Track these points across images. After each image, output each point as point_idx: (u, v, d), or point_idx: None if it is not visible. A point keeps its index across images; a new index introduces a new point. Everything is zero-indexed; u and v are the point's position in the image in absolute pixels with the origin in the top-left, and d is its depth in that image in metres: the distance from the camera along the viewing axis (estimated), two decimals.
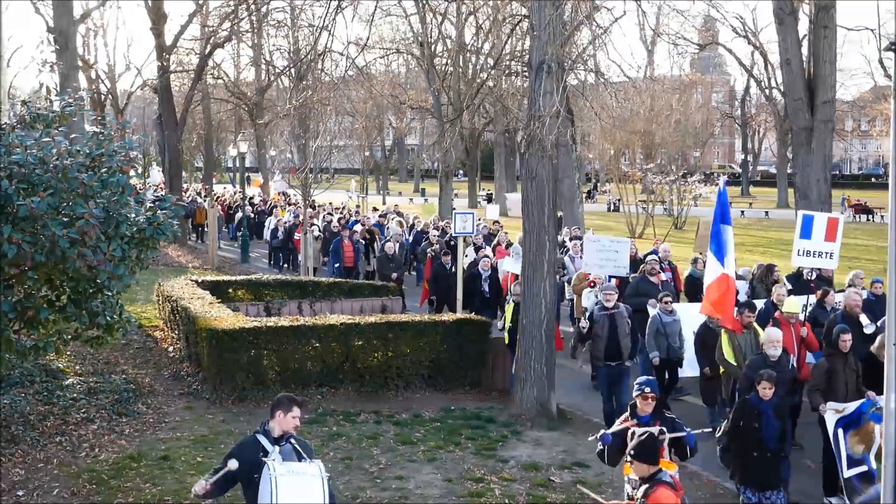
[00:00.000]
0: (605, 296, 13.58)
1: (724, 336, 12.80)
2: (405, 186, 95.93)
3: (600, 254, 17.55)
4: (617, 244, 17.98)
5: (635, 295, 16.16)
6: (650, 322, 14.45)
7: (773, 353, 11.29)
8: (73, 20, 33.48)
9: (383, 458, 12.11)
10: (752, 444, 9.82)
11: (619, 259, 17.62)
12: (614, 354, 13.27)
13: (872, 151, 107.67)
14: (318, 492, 6.92)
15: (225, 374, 14.48)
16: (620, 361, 13.30)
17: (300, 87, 25.88)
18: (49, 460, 11.69)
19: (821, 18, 20.83)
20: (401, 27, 52.47)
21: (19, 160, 8.43)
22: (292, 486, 6.93)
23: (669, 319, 14.37)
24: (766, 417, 9.79)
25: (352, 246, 25.18)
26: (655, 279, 16.42)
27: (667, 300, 14.56)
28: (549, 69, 13.77)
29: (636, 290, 16.37)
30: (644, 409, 8.67)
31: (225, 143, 75.39)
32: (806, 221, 14.77)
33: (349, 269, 24.90)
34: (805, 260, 15.04)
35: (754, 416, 9.83)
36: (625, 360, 13.37)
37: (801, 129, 20.85)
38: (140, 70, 54.63)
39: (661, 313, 14.42)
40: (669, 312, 14.45)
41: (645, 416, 8.63)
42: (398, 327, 15.39)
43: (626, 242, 18.49)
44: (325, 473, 7.04)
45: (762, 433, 9.77)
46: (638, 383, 8.87)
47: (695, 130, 64.13)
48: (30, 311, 8.86)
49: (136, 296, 21.74)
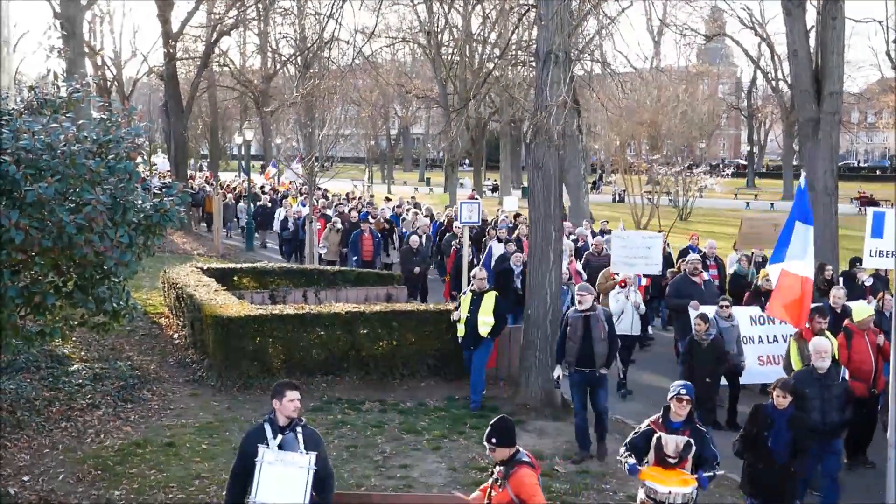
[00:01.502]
0: (580, 296, 12.39)
1: (794, 344, 12.09)
2: (410, 176, 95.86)
3: (629, 251, 16.32)
4: (648, 240, 16.78)
5: (676, 296, 15.55)
6: None
7: (821, 365, 10.28)
8: (79, 6, 33.43)
9: (388, 446, 12.14)
10: (760, 455, 9.31)
11: (651, 256, 16.33)
12: (587, 360, 12.10)
13: (879, 143, 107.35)
14: (299, 484, 6.93)
15: (230, 361, 14.51)
16: (594, 368, 12.13)
17: (307, 76, 25.82)
18: (54, 446, 11.75)
19: (829, 9, 20.68)
20: (407, 16, 52.48)
21: (27, 146, 8.42)
22: (275, 475, 6.97)
23: (727, 325, 13.70)
24: (778, 428, 9.22)
25: (371, 239, 24.09)
26: (698, 279, 15.75)
27: (724, 304, 13.93)
28: (556, 59, 13.74)
29: (677, 291, 15.67)
30: (678, 413, 8.40)
31: (230, 131, 75.35)
32: (877, 219, 13.12)
33: (367, 262, 23.74)
34: (878, 261, 13.49)
35: (765, 426, 9.30)
36: (598, 368, 12.15)
37: (807, 121, 20.72)
38: (146, 57, 54.86)
39: (718, 318, 13.65)
40: (727, 318, 13.78)
41: (677, 422, 8.38)
42: (403, 316, 15.41)
43: (657, 238, 17.32)
44: (312, 467, 7.02)
45: (771, 445, 9.23)
46: (675, 385, 8.59)
47: (701, 122, 63.83)
48: (36, 296, 8.86)
49: (141, 283, 21.76)
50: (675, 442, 8.10)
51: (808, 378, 10.29)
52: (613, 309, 15.48)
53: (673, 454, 8.07)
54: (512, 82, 35.03)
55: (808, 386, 10.15)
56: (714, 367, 12.85)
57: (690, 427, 8.34)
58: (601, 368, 12.16)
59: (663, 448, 8.11)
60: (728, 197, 64.08)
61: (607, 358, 12.23)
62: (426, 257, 21.88)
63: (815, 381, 10.21)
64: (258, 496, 6.94)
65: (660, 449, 8.14)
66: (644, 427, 8.50)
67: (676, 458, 8.07)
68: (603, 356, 12.14)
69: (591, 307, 12.27)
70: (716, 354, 12.83)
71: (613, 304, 15.86)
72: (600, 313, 12.35)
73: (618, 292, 16.00)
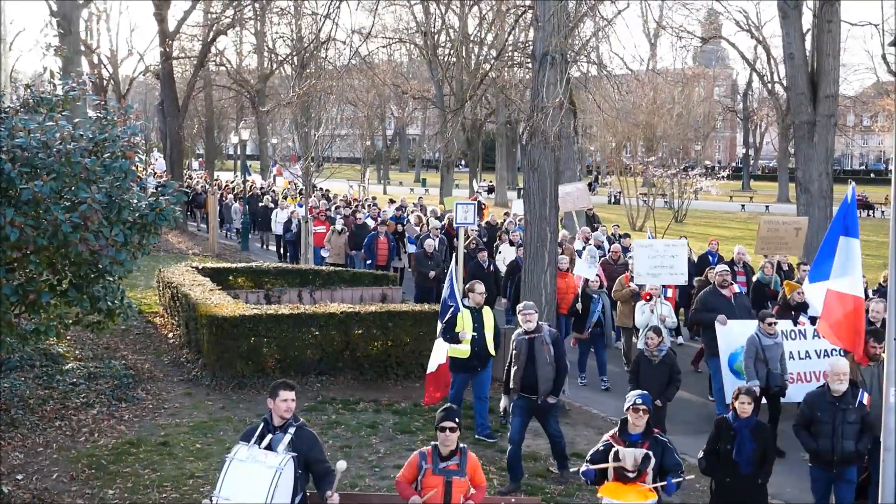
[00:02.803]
0: (524, 316, 11.36)
1: None
2: (406, 176, 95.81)
3: (653, 260, 15.31)
4: (673, 248, 15.72)
5: (703, 310, 14.32)
6: (748, 345, 12.52)
7: (837, 388, 9.41)
8: (76, 4, 33.50)
9: (382, 446, 12.14)
10: (725, 468, 8.94)
11: (676, 265, 15.45)
12: (531, 386, 11.08)
13: (874, 147, 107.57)
14: (263, 484, 6.87)
15: (225, 361, 14.51)
16: (538, 395, 11.10)
17: (303, 76, 25.82)
18: (48, 445, 11.74)
19: (825, 13, 20.79)
20: (404, 16, 52.49)
21: (22, 143, 8.42)
22: (242, 473, 6.96)
23: (770, 342, 12.49)
24: (742, 438, 8.86)
25: (387, 242, 23.15)
26: (727, 292, 14.31)
27: (770, 321, 12.63)
28: (552, 61, 13.76)
29: (704, 305, 14.35)
30: (636, 425, 8.19)
31: (226, 131, 75.37)
32: None
33: (381, 267, 22.83)
34: None
35: (729, 438, 8.91)
36: (543, 395, 11.08)
37: (803, 124, 20.83)
38: (142, 56, 54.95)
39: (761, 335, 12.51)
40: (770, 335, 12.57)
41: (636, 434, 8.18)
42: (398, 316, 15.42)
43: (682, 246, 16.12)
44: (282, 467, 6.97)
45: (736, 456, 8.86)
46: (630, 395, 8.39)
47: (696, 124, 64.04)
48: (31, 294, 8.85)
49: (136, 282, 21.76)
50: (634, 455, 7.97)
51: (820, 400, 9.50)
52: (639, 322, 14.84)
53: (631, 468, 7.95)
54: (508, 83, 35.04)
55: (820, 409, 9.44)
56: (664, 386, 11.61)
57: (650, 439, 8.17)
58: (548, 396, 11.11)
59: (622, 462, 7.99)
60: (723, 199, 64.15)
61: (554, 384, 11.14)
62: (441, 261, 20.88)
63: (828, 404, 9.41)
64: (221, 492, 6.92)
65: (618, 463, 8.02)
66: (603, 442, 8.33)
67: (635, 472, 7.96)
68: (548, 382, 11.06)
69: (536, 328, 11.28)
70: (668, 373, 11.72)
71: (639, 317, 15.14)
72: (546, 335, 11.28)
73: (643, 304, 15.22)
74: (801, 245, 17.57)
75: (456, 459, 7.71)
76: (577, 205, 23.89)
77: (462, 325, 12.63)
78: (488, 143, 75.39)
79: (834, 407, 9.35)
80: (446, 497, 7.61)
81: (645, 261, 15.40)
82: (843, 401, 9.37)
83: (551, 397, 11.14)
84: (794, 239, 17.18)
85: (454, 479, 7.64)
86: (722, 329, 13.63)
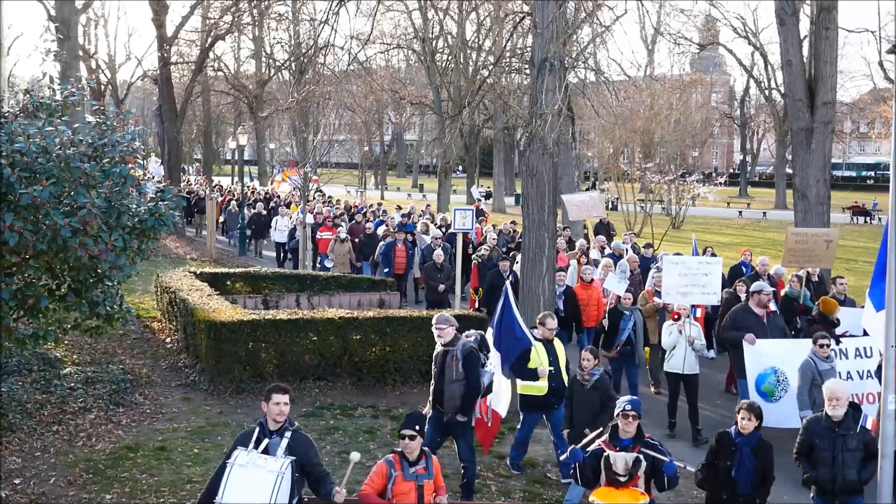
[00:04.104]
0: (437, 330, 10.58)
1: None
2: (403, 182, 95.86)
3: (684, 278, 14.22)
4: (706, 265, 14.56)
5: (732, 328, 13.35)
6: (803, 370, 11.69)
7: (835, 413, 8.75)
8: (74, 9, 33.46)
9: (380, 452, 12.10)
10: (723, 485, 8.66)
11: (709, 284, 14.30)
12: (440, 402, 10.53)
13: (871, 153, 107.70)
14: (266, 488, 6.90)
15: (223, 365, 14.51)
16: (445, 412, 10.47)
17: (301, 81, 25.88)
18: (46, 449, 11.72)
19: (822, 20, 20.82)
20: (402, 22, 52.53)
21: (22, 148, 8.44)
22: (244, 478, 6.98)
23: (827, 366, 11.66)
24: (742, 455, 8.59)
25: (405, 251, 22.41)
26: (761, 311, 13.42)
27: (824, 343, 11.72)
28: (551, 67, 13.81)
29: (734, 322, 13.41)
30: (626, 430, 8.13)
31: (224, 136, 75.48)
32: None
33: (399, 276, 22.15)
34: None
35: (729, 454, 8.62)
36: (449, 412, 10.41)
37: (800, 130, 20.84)
38: (140, 61, 54.92)
39: (816, 359, 11.70)
40: (826, 358, 11.71)
41: (626, 439, 8.15)
42: (396, 322, 15.42)
43: (716, 264, 14.82)
44: (283, 471, 6.99)
45: (735, 474, 8.58)
46: (620, 401, 8.31)
47: (694, 130, 64.16)
48: (30, 299, 8.87)
49: (134, 286, 21.75)
50: (624, 459, 8.00)
51: (819, 428, 8.86)
52: (666, 344, 13.80)
53: (622, 472, 7.98)
54: (506, 89, 35.13)
55: (819, 437, 8.84)
56: (597, 413, 10.48)
57: (641, 443, 8.14)
58: (456, 414, 10.41)
59: (612, 467, 8.02)
60: (721, 206, 64.25)
61: (462, 401, 10.39)
62: (451, 273, 19.69)
63: (827, 432, 8.79)
64: (224, 497, 6.94)
65: (609, 468, 8.04)
66: (592, 445, 8.31)
67: (626, 476, 7.98)
68: (454, 399, 10.37)
69: (451, 341, 10.51)
70: (600, 399, 10.60)
71: (665, 337, 13.90)
72: (458, 350, 10.43)
73: (671, 325, 13.89)
74: (832, 258, 16.60)
75: (423, 463, 7.91)
76: (590, 213, 23.78)
77: (538, 361, 11.49)
78: (486, 149, 75.52)
79: (833, 434, 8.77)
80: (419, 500, 7.76)
81: (675, 278, 14.34)
82: (843, 426, 8.76)
83: (459, 415, 10.42)
84: (825, 252, 16.15)
85: (424, 482, 7.86)
86: (750, 349, 12.95)
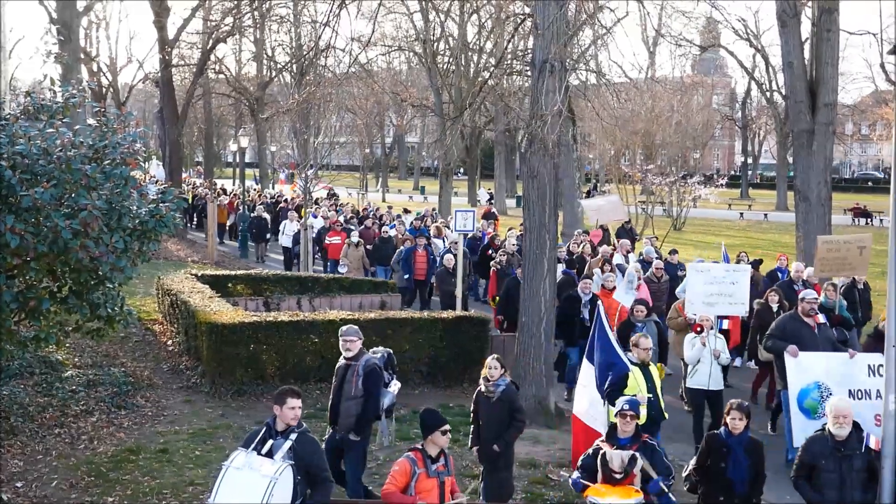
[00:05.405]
0: (345, 341, 10.01)
1: None
2: (404, 184, 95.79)
3: (710, 287, 13.56)
4: (733, 274, 13.96)
5: (780, 337, 12.47)
6: None
7: (839, 432, 8.30)
8: (76, 12, 33.54)
9: (381, 453, 12.12)
10: (718, 487, 8.56)
11: (736, 293, 13.67)
12: (333, 418, 10.08)
13: (872, 155, 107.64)
14: (258, 493, 6.82)
15: (224, 368, 14.51)
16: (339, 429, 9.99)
17: (302, 83, 25.88)
18: (48, 452, 11.73)
19: (824, 21, 20.85)
20: (403, 24, 52.56)
21: (23, 150, 8.44)
22: (237, 480, 6.94)
23: None
24: (735, 456, 8.51)
25: (426, 256, 21.67)
26: (812, 321, 12.55)
27: None
28: (551, 68, 13.79)
29: (782, 332, 12.52)
30: (624, 430, 8.30)
31: (225, 138, 75.42)
32: None
33: (420, 282, 21.60)
34: None
35: (721, 455, 8.55)
36: (342, 429, 9.91)
37: (801, 132, 20.87)
38: (142, 63, 54.88)
39: None
40: None
41: (624, 438, 8.29)
42: (397, 323, 15.44)
43: (744, 272, 14.30)
44: (277, 477, 6.90)
45: (729, 474, 8.49)
46: (619, 402, 8.51)
47: (695, 132, 64.05)
48: (31, 301, 8.87)
49: (135, 289, 21.74)
50: (620, 457, 8.14)
51: (822, 447, 8.39)
52: (688, 357, 12.92)
53: (618, 469, 8.13)
54: (507, 91, 35.14)
55: (822, 457, 8.37)
56: (504, 427, 9.79)
57: (639, 442, 8.30)
58: (348, 432, 9.87)
59: (609, 464, 8.16)
60: (722, 207, 64.18)
61: (357, 420, 9.88)
62: (465, 277, 19.11)
63: (831, 452, 8.33)
64: (216, 499, 6.91)
65: (605, 465, 8.19)
66: (593, 447, 8.49)
67: (622, 473, 8.12)
68: (350, 417, 9.86)
69: (356, 355, 9.98)
70: (507, 411, 9.81)
71: (688, 351, 12.98)
72: (360, 365, 9.90)
73: (693, 337, 12.97)
74: (866, 265, 15.88)
75: (442, 460, 7.99)
76: (611, 217, 23.60)
77: (637, 387, 10.42)
78: (487, 151, 75.44)
79: (839, 454, 8.31)
80: (441, 497, 7.82)
81: (700, 287, 13.68)
82: (848, 446, 8.31)
83: (352, 434, 9.88)
84: (859, 258, 15.29)
85: (446, 479, 7.95)
86: (792, 362, 12.11)
